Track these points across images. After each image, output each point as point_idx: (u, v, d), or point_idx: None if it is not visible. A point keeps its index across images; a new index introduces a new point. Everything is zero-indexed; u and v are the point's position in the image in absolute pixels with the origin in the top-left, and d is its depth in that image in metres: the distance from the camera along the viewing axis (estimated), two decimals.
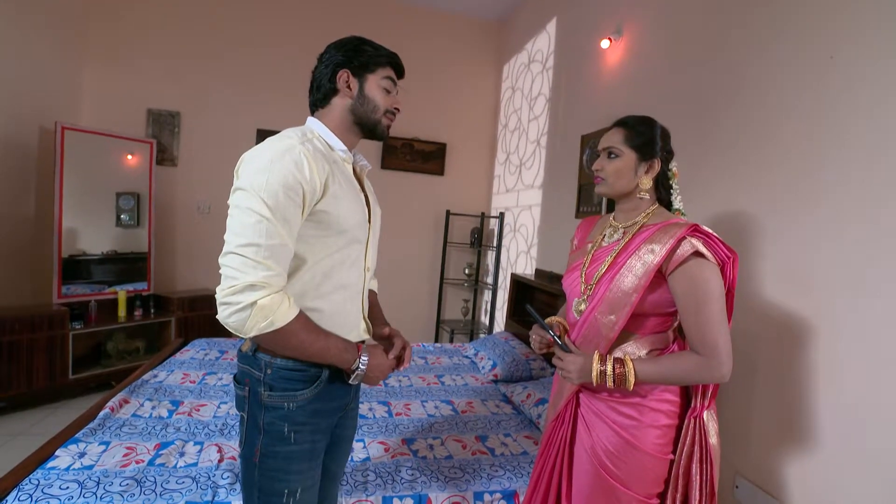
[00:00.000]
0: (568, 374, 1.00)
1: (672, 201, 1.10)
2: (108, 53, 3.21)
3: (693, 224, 0.96)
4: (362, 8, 3.63)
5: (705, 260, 0.93)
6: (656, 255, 0.96)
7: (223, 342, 2.62)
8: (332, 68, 0.95)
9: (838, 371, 1.19)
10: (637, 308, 0.98)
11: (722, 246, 0.95)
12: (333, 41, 0.98)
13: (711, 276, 0.93)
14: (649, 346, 1.02)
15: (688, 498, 1.02)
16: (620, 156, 1.05)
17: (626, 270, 0.99)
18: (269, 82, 3.45)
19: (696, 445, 1.01)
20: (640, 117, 1.08)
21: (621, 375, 0.95)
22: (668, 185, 1.09)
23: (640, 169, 1.05)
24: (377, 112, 0.97)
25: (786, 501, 1.29)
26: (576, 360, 0.99)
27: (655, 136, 1.05)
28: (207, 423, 1.67)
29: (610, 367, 0.95)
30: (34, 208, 2.84)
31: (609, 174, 1.06)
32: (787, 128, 1.35)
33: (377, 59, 0.96)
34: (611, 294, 1.00)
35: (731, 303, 0.98)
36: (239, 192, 0.82)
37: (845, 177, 1.19)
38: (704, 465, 1.01)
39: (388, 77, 0.98)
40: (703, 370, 0.93)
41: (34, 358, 2.49)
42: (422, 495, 1.36)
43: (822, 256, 1.24)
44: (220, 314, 0.80)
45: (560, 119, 2.85)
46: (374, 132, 0.99)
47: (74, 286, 2.84)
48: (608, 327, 1.00)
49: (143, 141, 3.15)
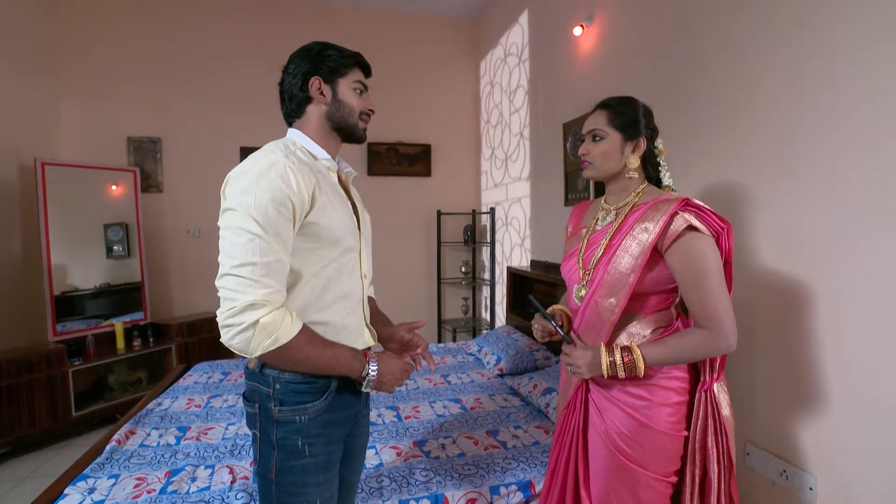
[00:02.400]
0: (577, 369, 0.99)
1: (661, 178, 1.10)
2: (82, 85, 3.19)
3: (684, 198, 0.96)
4: (336, 19, 3.63)
5: (700, 233, 0.93)
6: (650, 234, 0.95)
7: (226, 364, 2.60)
8: (301, 77, 0.94)
9: (840, 329, 1.20)
10: (637, 288, 0.98)
11: (715, 217, 0.95)
12: (295, 50, 0.98)
13: (707, 248, 0.93)
14: (653, 324, 1.02)
15: (706, 472, 1.02)
16: (605, 137, 1.04)
17: (621, 252, 0.99)
18: (248, 100, 3.43)
19: (709, 419, 1.01)
20: (621, 98, 1.08)
21: (630, 363, 0.94)
22: (655, 163, 1.09)
23: (627, 149, 1.04)
24: (353, 115, 0.97)
25: (798, 464, 1.30)
26: (584, 354, 0.99)
27: (638, 114, 1.05)
28: (217, 445, 1.66)
29: (618, 356, 0.95)
30: (20, 248, 2.81)
31: (596, 157, 1.06)
32: (764, 95, 1.37)
33: (344, 61, 0.96)
34: (609, 277, 1.00)
35: (729, 274, 0.98)
36: (228, 212, 0.82)
37: (828, 136, 1.20)
38: (720, 437, 1.01)
39: (358, 80, 0.98)
40: (709, 344, 0.93)
41: (35, 399, 2.45)
42: (438, 495, 1.35)
43: (813, 218, 1.25)
44: (224, 337, 0.80)
45: (541, 109, 2.86)
46: (353, 135, 0.99)
47: (70, 323, 2.81)
48: (609, 310, 1.00)
49: (126, 170, 3.13)
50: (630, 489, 1.00)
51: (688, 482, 1.03)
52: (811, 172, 1.24)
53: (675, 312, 1.05)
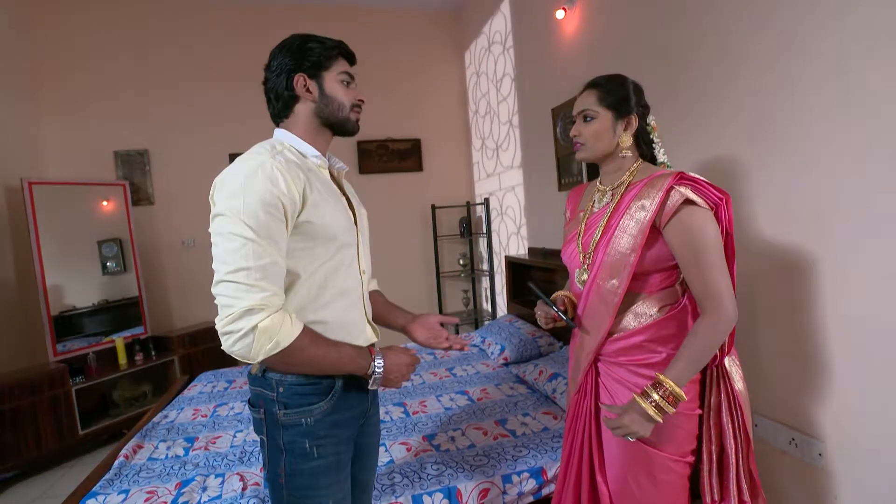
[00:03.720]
0: (631, 429, 0.91)
1: (655, 155, 1.08)
2: (63, 102, 3.14)
3: (678, 172, 0.94)
4: (317, 19, 3.58)
5: (697, 207, 0.91)
6: (648, 211, 0.94)
7: (229, 372, 2.59)
8: (285, 76, 0.91)
9: (839, 295, 1.20)
10: (638, 267, 0.96)
11: (711, 189, 0.93)
12: (275, 46, 0.94)
13: (705, 222, 0.91)
14: (659, 303, 1.00)
15: (724, 449, 1.00)
16: (597, 117, 1.02)
17: (620, 232, 0.97)
18: (234, 105, 3.39)
19: (722, 395, 1.00)
20: (610, 76, 1.06)
21: (669, 393, 0.89)
22: (648, 140, 1.07)
23: (619, 127, 1.02)
24: (343, 109, 0.94)
25: (806, 431, 1.30)
26: (625, 415, 0.91)
27: (629, 92, 1.03)
28: (226, 453, 1.65)
29: (656, 395, 0.89)
30: (13, 271, 2.78)
31: (588, 137, 1.04)
32: (754, 65, 1.35)
33: (327, 53, 0.92)
34: (609, 258, 0.98)
35: (731, 245, 0.96)
36: (218, 218, 0.80)
37: (817, 100, 1.19)
38: (734, 412, 0.99)
39: (344, 70, 0.95)
40: (717, 328, 0.90)
41: (39, 420, 2.44)
42: (450, 488, 1.35)
43: (809, 184, 1.24)
44: (224, 345, 0.79)
45: (528, 96, 2.84)
46: (345, 128, 0.97)
47: (70, 342, 2.79)
48: (612, 292, 0.98)
49: (115, 184, 3.09)
50: (647, 472, 0.99)
51: (705, 460, 1.01)
52: (805, 141, 1.23)
53: (680, 289, 1.02)
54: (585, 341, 1.06)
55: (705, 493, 1.02)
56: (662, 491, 0.99)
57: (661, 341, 0.98)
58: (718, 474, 1.02)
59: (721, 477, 1.02)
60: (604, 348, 1.04)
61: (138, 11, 3.26)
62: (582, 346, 1.08)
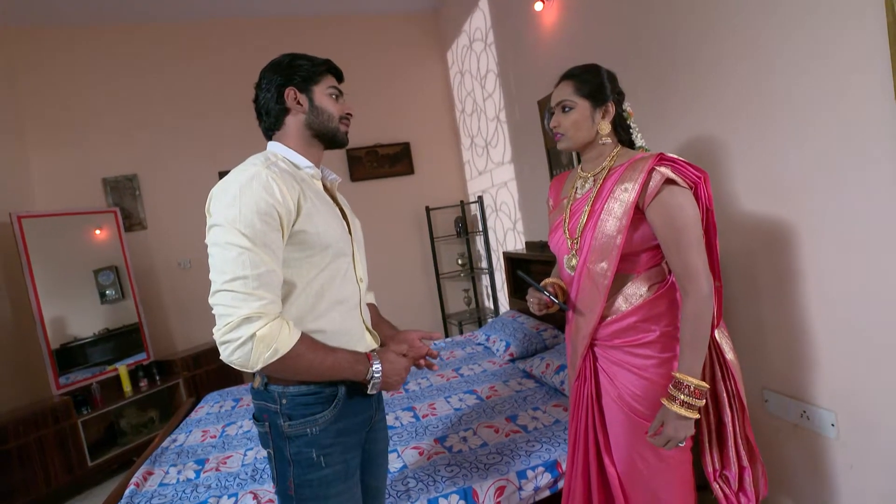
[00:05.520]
0: (679, 437, 0.93)
1: (633, 140, 1.11)
2: (49, 133, 3.12)
3: (658, 154, 0.97)
4: (299, 31, 3.57)
5: (678, 186, 0.95)
6: (631, 192, 0.97)
7: (236, 391, 2.57)
8: (275, 90, 0.94)
9: (835, 264, 1.19)
10: (625, 248, 0.99)
11: (689, 168, 0.96)
12: (265, 65, 0.97)
13: (685, 201, 0.94)
14: (647, 282, 1.03)
15: (721, 418, 1.05)
16: (574, 107, 1.05)
17: (605, 215, 1.00)
18: (220, 123, 3.38)
19: (716, 365, 1.04)
20: (584, 66, 1.09)
21: (693, 389, 0.91)
22: (626, 126, 1.10)
23: (596, 115, 1.05)
24: (332, 120, 0.97)
25: (816, 402, 1.30)
26: (666, 426, 0.93)
27: (603, 80, 1.06)
28: (237, 473, 1.64)
29: (681, 395, 0.91)
30: (9, 306, 2.75)
31: (567, 128, 1.06)
32: (734, 47, 1.35)
33: (316, 69, 0.96)
34: (597, 242, 1.01)
35: (712, 221, 1.00)
36: (215, 228, 0.81)
37: (796, 78, 1.19)
38: (728, 381, 1.04)
39: (332, 86, 0.98)
40: (698, 307, 0.93)
41: (47, 455, 2.41)
42: (466, 489, 1.34)
43: (790, 161, 1.24)
44: (223, 354, 0.79)
45: (513, 90, 2.84)
46: (335, 140, 0.99)
47: (73, 373, 2.76)
48: (602, 275, 1.01)
49: (106, 211, 3.08)
50: (652, 448, 1.01)
51: (704, 431, 1.06)
52: (784, 116, 1.24)
53: (666, 267, 1.06)
54: (581, 325, 1.08)
55: (707, 463, 1.07)
56: (669, 465, 1.02)
57: (653, 320, 1.01)
58: (718, 444, 1.07)
59: (721, 445, 1.07)
60: (598, 332, 1.06)
61: (117, 45, 3.24)
62: (578, 331, 1.10)
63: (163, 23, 3.33)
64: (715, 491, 1.08)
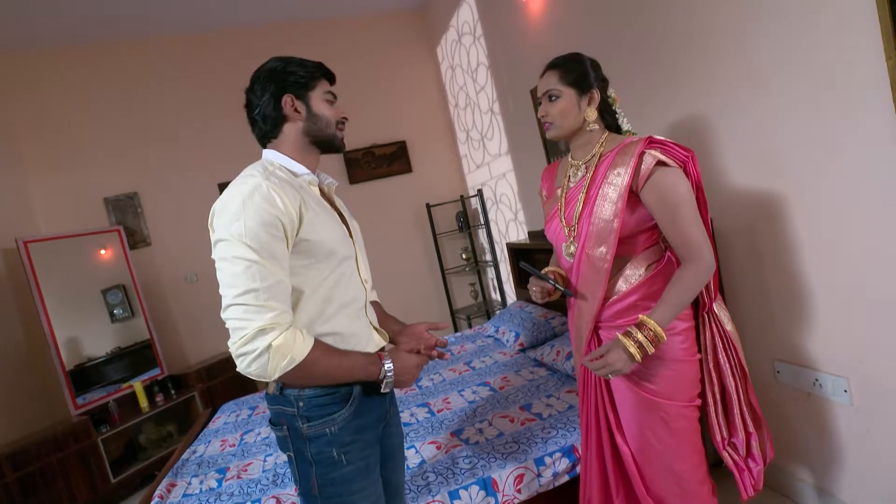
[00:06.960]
0: (614, 369, 0.96)
1: (620, 125, 1.13)
2: (48, 157, 3.14)
3: (647, 137, 1.00)
4: (290, 37, 3.55)
5: (668, 167, 0.97)
6: (624, 177, 0.99)
7: (251, 399, 2.59)
8: (272, 97, 0.93)
9: (834, 233, 1.19)
10: (623, 231, 1.01)
11: (677, 148, 0.99)
12: (255, 71, 0.96)
13: (677, 179, 0.97)
14: (645, 262, 1.06)
15: (724, 387, 1.08)
16: (561, 96, 1.07)
17: (601, 200, 1.02)
18: (218, 136, 3.39)
19: (716, 337, 1.07)
20: (567, 55, 1.11)
21: (652, 335, 0.94)
22: (612, 111, 1.12)
23: (582, 103, 1.07)
24: (330, 127, 0.97)
25: (828, 370, 1.30)
26: (609, 353, 0.96)
27: (587, 67, 1.08)
28: (258, 479, 1.66)
29: (640, 335, 0.94)
30: (22, 331, 2.79)
31: (555, 116, 1.08)
32: (717, 20, 1.34)
33: (311, 74, 0.96)
34: (594, 227, 1.03)
35: (702, 197, 1.03)
36: (220, 243, 0.82)
37: (785, 54, 1.19)
38: (729, 351, 1.07)
39: (327, 90, 0.99)
40: (698, 274, 0.97)
41: (70, 475, 2.45)
42: (485, 479, 1.35)
43: (781, 135, 1.25)
44: (240, 366, 0.80)
45: (505, 82, 2.83)
46: (332, 145, 1.00)
47: (90, 393, 2.80)
48: (601, 259, 1.03)
49: (109, 231, 3.10)
50: (663, 423, 1.03)
51: (710, 401, 1.09)
52: (773, 91, 1.24)
53: (663, 245, 1.09)
54: (584, 310, 1.10)
55: (714, 432, 1.10)
56: (680, 437, 1.05)
57: (653, 297, 1.04)
58: (724, 412, 1.10)
59: (727, 414, 1.10)
60: (601, 314, 1.08)
61: (108, 64, 3.25)
62: (581, 316, 1.12)
63: (153, 38, 3.34)
64: (725, 459, 1.10)
